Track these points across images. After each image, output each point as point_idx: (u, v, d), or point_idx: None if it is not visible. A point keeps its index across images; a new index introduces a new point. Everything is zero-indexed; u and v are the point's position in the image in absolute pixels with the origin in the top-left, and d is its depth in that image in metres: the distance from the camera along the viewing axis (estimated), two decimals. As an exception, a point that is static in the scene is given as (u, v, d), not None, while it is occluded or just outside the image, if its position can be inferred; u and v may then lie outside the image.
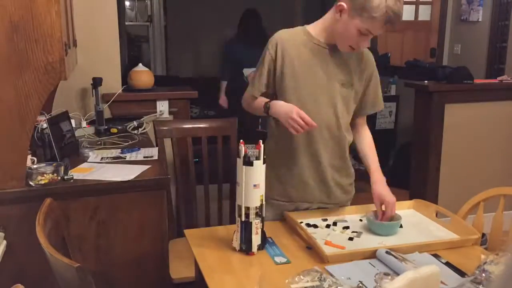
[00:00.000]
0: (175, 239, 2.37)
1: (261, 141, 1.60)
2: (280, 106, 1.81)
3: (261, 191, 1.60)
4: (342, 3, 1.74)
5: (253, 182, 1.57)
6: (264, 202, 1.62)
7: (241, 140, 1.60)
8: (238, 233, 1.62)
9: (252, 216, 1.59)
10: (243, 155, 1.57)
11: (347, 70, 1.87)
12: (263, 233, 1.64)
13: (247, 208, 1.59)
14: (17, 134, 1.82)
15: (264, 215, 1.64)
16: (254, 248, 1.61)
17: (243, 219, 1.60)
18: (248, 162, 1.56)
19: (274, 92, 1.92)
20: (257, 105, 1.92)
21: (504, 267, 0.59)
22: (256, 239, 1.61)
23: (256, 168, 1.57)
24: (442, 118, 3.47)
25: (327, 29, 1.84)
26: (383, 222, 1.80)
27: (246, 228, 1.60)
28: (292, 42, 1.85)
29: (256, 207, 1.59)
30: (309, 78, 1.84)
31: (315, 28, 1.87)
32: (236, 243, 1.63)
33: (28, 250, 1.76)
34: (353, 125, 2.00)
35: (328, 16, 1.85)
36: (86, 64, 2.79)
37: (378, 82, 1.95)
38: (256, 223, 1.60)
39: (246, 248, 1.61)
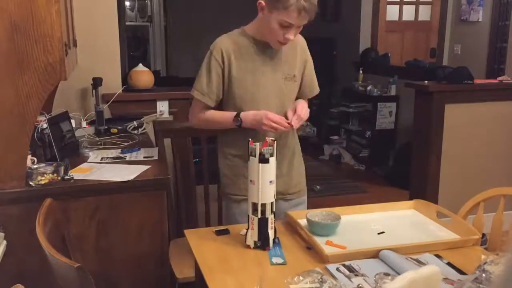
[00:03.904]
0: (176, 239, 2.37)
1: (268, 138, 1.62)
2: (251, 117, 1.85)
3: (274, 187, 1.63)
4: (261, 1, 1.80)
5: (269, 178, 1.61)
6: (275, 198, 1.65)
7: (250, 140, 1.62)
8: (253, 230, 1.63)
9: (268, 212, 1.63)
10: (258, 153, 1.59)
11: (288, 64, 1.93)
12: (274, 227, 1.68)
13: (263, 205, 1.62)
14: (17, 134, 1.82)
15: (274, 210, 1.66)
16: (271, 243, 1.64)
17: (259, 215, 1.62)
18: (264, 160, 1.59)
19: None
20: (219, 119, 1.93)
21: (504, 267, 0.59)
22: (272, 234, 1.65)
23: (272, 165, 1.61)
24: (442, 118, 3.47)
25: (260, 30, 1.88)
26: (321, 222, 1.75)
27: (263, 224, 1.62)
28: (235, 46, 1.89)
29: (271, 203, 1.63)
30: (257, 78, 1.89)
31: (252, 28, 1.91)
32: (250, 241, 1.64)
33: (28, 250, 1.76)
34: None
35: (259, 15, 1.88)
36: (86, 64, 2.79)
37: (312, 66, 2.02)
38: (271, 218, 1.64)
39: (262, 244, 1.63)
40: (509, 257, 0.59)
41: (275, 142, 1.62)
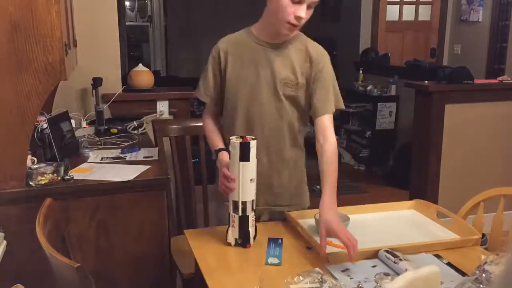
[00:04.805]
0: (177, 236, 2.36)
1: (248, 137, 1.62)
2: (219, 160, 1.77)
3: (255, 185, 1.64)
4: None
5: (250, 176, 1.61)
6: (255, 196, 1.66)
7: (243, 136, 1.63)
8: (234, 228, 1.64)
9: (248, 209, 1.63)
10: (238, 150, 1.59)
11: (292, 69, 1.80)
12: (255, 226, 1.68)
13: (244, 203, 1.63)
14: (17, 134, 1.82)
15: (254, 208, 1.67)
16: (252, 240, 1.65)
17: (240, 213, 1.63)
18: (244, 157, 1.59)
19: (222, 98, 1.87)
20: (209, 139, 1.92)
21: (504, 267, 0.59)
22: (252, 232, 1.66)
23: (252, 163, 1.61)
24: (442, 118, 3.47)
25: (266, 26, 1.79)
26: None
27: (244, 222, 1.63)
28: (235, 45, 1.83)
29: (252, 201, 1.64)
30: (252, 77, 1.80)
31: (257, 27, 1.83)
32: (231, 239, 1.65)
33: (28, 250, 1.76)
34: (316, 129, 1.82)
35: (264, 12, 1.80)
36: (86, 64, 2.79)
37: (329, 81, 1.83)
38: (252, 216, 1.65)
39: (243, 241, 1.64)
40: (509, 257, 0.59)
41: (255, 140, 1.62)
